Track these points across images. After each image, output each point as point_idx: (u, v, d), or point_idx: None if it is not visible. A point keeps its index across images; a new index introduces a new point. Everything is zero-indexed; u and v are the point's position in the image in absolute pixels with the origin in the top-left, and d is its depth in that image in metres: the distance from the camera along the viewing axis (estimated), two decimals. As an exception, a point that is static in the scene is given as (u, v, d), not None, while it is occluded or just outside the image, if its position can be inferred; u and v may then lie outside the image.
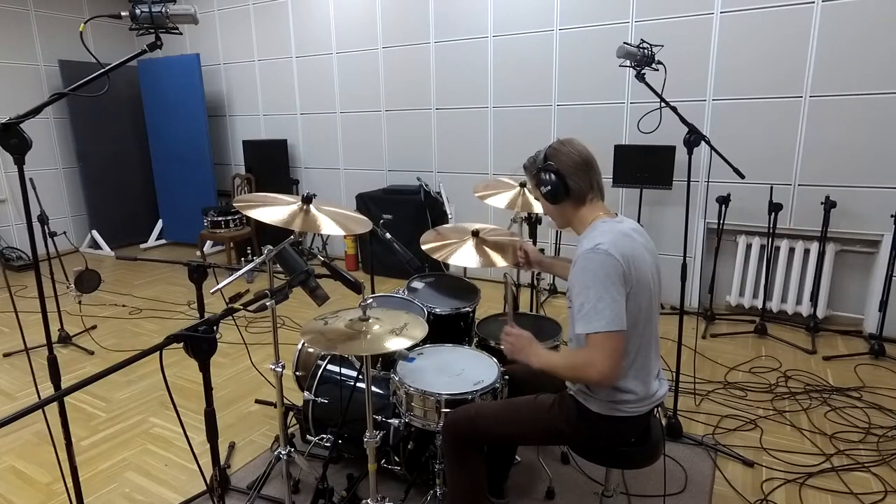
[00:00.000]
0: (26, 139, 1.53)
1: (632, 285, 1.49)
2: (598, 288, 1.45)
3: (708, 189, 3.95)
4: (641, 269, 1.52)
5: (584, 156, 1.62)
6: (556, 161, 1.62)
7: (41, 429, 2.73)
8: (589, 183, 1.62)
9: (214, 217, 5.40)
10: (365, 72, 5.33)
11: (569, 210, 1.66)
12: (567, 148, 1.63)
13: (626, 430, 1.62)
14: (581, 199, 1.63)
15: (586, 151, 1.64)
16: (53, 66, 5.98)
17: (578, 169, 1.61)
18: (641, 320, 1.54)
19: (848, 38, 3.47)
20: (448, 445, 1.72)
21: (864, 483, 2.23)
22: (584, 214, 1.64)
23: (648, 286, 1.54)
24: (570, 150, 1.62)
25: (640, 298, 1.51)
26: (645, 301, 1.53)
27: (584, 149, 1.64)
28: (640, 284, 1.51)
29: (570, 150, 1.62)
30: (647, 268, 1.55)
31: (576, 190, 1.61)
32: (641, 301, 1.52)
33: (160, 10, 1.64)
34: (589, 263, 1.48)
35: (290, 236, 1.76)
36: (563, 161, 1.61)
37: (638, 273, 1.50)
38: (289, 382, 2.82)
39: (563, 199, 1.63)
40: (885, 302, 3.34)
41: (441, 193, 5.02)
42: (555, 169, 1.61)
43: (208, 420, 1.46)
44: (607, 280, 1.45)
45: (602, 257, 1.46)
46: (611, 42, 4.10)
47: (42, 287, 1.68)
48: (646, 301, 1.54)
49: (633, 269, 1.49)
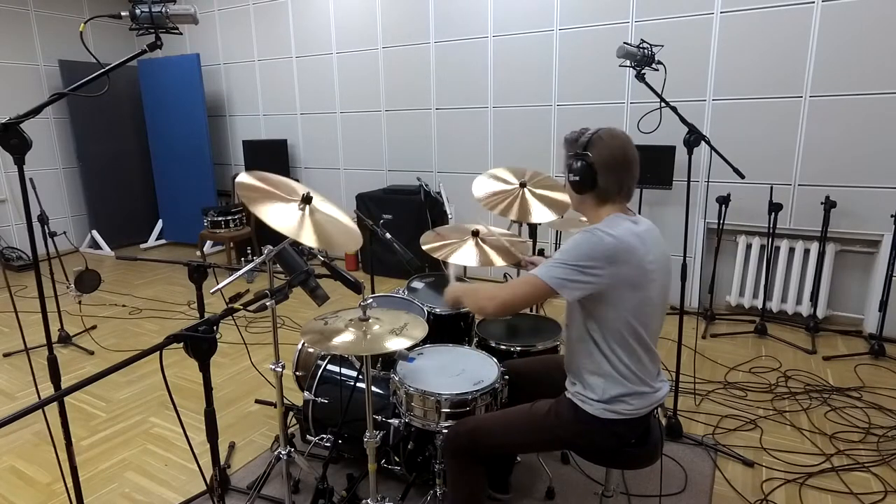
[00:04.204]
0: (26, 139, 1.53)
1: (629, 282, 1.46)
2: (573, 258, 1.47)
3: (708, 189, 3.95)
4: (645, 271, 1.49)
5: (625, 156, 1.54)
6: (595, 152, 1.53)
7: (41, 429, 2.73)
8: (619, 185, 1.55)
9: (214, 217, 5.40)
10: (365, 72, 5.33)
11: (588, 202, 1.60)
12: (612, 141, 1.53)
13: (625, 432, 1.60)
14: (605, 198, 1.57)
15: (630, 152, 1.55)
16: (53, 66, 5.98)
17: (614, 168, 1.53)
18: (639, 322, 1.51)
19: (848, 38, 3.46)
20: (449, 458, 1.72)
21: (864, 483, 2.23)
22: (601, 212, 1.58)
23: (653, 288, 1.52)
24: (614, 144, 1.53)
25: (642, 299, 1.49)
26: (648, 302, 1.51)
27: (629, 149, 1.55)
28: (642, 285, 1.48)
29: (614, 144, 1.53)
30: (653, 270, 1.51)
31: (603, 188, 1.54)
32: (643, 301, 1.50)
33: (160, 10, 1.64)
34: (581, 237, 1.49)
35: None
36: (602, 154, 1.53)
37: (642, 274, 1.48)
38: (289, 382, 2.82)
39: (587, 192, 1.58)
40: (885, 302, 3.34)
41: (441, 193, 5.02)
42: (591, 160, 1.53)
43: (208, 420, 1.46)
44: (585, 258, 1.45)
45: (593, 237, 1.47)
46: (611, 42, 4.10)
47: (42, 287, 1.68)
48: (649, 302, 1.51)
49: (631, 266, 1.46)
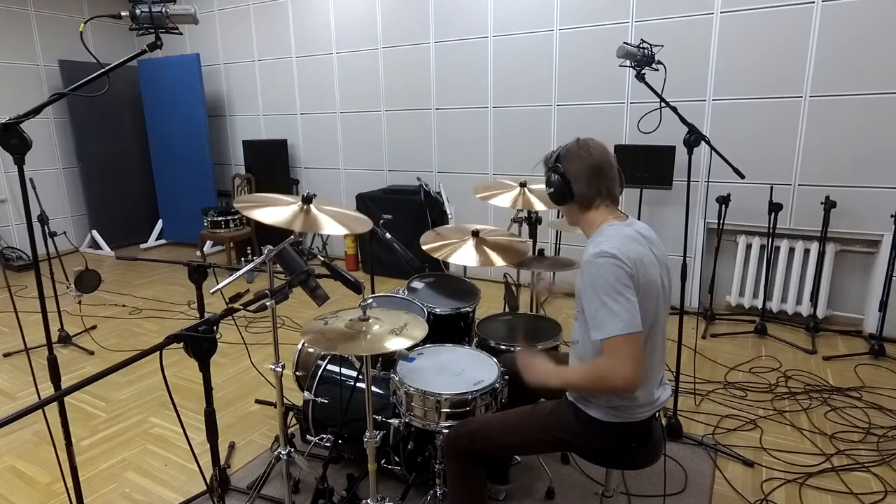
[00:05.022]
0: (26, 139, 1.53)
1: (639, 290, 1.46)
2: (610, 292, 1.42)
3: (708, 189, 3.95)
4: (648, 275, 1.49)
5: (595, 161, 1.57)
6: (566, 163, 1.59)
7: (41, 429, 2.73)
8: (596, 189, 1.58)
9: (214, 217, 5.41)
10: (365, 72, 5.33)
11: (574, 212, 1.65)
12: (580, 151, 1.59)
13: (627, 435, 1.60)
14: (586, 204, 1.60)
15: (601, 156, 1.58)
16: (53, 66, 5.98)
17: (586, 175, 1.57)
18: (647, 326, 1.50)
19: (848, 38, 3.47)
20: (450, 460, 1.72)
21: (864, 483, 2.23)
22: (591, 218, 1.61)
23: (656, 291, 1.52)
24: (583, 154, 1.58)
25: (646, 303, 1.48)
26: (651, 306, 1.50)
27: (601, 153, 1.58)
28: (646, 289, 1.48)
29: (583, 154, 1.58)
30: (655, 272, 1.52)
31: (580, 196, 1.59)
32: (648, 306, 1.49)
33: (160, 10, 1.65)
34: (597, 269, 1.45)
35: (290, 236, 1.77)
36: (572, 164, 1.58)
37: (645, 278, 1.47)
38: (289, 382, 2.82)
39: (567, 202, 1.62)
40: (885, 302, 3.34)
41: (441, 193, 5.03)
42: (562, 172, 1.59)
43: (208, 420, 1.46)
44: (618, 283, 1.42)
45: (608, 261, 1.44)
46: (611, 42, 4.10)
47: (42, 287, 1.68)
48: (652, 306, 1.51)
49: (640, 273, 1.46)
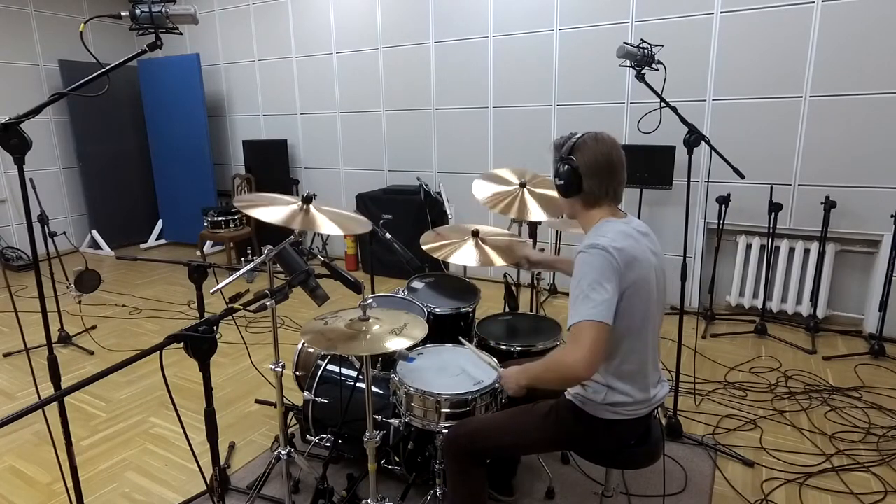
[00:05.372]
0: (26, 139, 1.54)
1: (628, 285, 1.46)
2: (591, 282, 1.43)
3: (708, 189, 3.95)
4: (641, 271, 1.49)
5: (609, 160, 1.56)
6: (580, 156, 1.56)
7: (41, 429, 2.73)
8: (605, 188, 1.57)
9: (214, 217, 5.40)
10: (365, 72, 5.33)
11: (577, 206, 1.64)
12: (596, 146, 1.56)
13: (625, 433, 1.60)
14: (592, 201, 1.59)
15: (617, 157, 1.57)
16: (53, 66, 5.98)
17: (598, 172, 1.55)
18: (636, 323, 1.51)
19: (848, 38, 3.46)
20: (450, 461, 1.71)
21: (864, 483, 2.23)
22: (592, 214, 1.61)
23: (648, 289, 1.52)
24: (598, 149, 1.55)
25: (635, 301, 1.48)
26: (641, 304, 1.50)
27: (617, 154, 1.57)
28: (638, 286, 1.48)
29: (598, 149, 1.55)
30: (648, 270, 1.52)
31: (588, 192, 1.57)
32: (637, 304, 1.49)
33: (160, 10, 1.65)
34: (585, 258, 1.47)
35: (290, 236, 1.77)
36: (586, 158, 1.55)
37: (637, 274, 1.48)
38: (289, 382, 2.82)
39: (573, 195, 1.61)
40: (885, 302, 3.34)
41: (441, 193, 5.03)
42: (575, 165, 1.56)
43: (208, 420, 1.46)
44: (601, 276, 1.43)
45: (598, 252, 1.45)
46: (611, 42, 4.10)
47: (42, 287, 1.68)
48: (643, 304, 1.51)
49: (631, 269, 1.46)
